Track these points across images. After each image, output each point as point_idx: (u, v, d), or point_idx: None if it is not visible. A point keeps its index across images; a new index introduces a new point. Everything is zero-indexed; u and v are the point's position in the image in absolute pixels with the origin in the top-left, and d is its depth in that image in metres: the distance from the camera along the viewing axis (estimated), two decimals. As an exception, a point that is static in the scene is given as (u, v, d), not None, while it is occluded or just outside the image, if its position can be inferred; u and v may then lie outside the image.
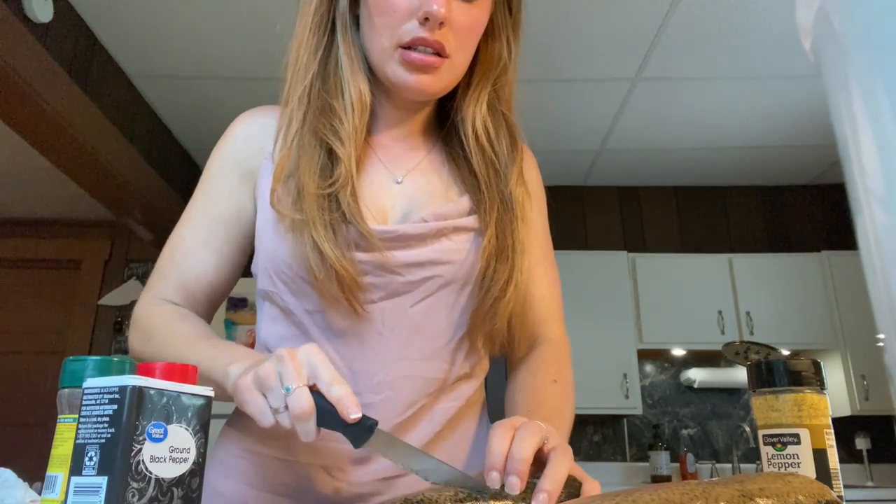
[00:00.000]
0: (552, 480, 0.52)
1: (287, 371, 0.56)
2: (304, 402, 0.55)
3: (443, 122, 0.86)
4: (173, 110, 3.20)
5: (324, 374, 0.56)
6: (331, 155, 0.75)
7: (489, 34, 0.81)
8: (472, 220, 0.77)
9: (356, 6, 0.79)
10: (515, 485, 0.52)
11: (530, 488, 0.53)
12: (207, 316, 0.82)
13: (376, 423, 0.55)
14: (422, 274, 0.74)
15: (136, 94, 3.01)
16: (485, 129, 0.80)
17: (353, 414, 0.54)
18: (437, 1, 0.70)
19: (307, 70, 0.78)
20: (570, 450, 0.56)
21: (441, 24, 0.71)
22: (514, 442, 0.54)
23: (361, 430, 0.55)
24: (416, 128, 0.84)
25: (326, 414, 0.55)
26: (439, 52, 0.73)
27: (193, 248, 0.79)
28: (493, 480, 0.53)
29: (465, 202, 0.78)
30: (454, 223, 0.76)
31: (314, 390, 0.56)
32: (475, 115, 0.80)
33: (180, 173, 3.49)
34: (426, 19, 0.71)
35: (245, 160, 0.81)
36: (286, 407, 0.56)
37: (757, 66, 2.84)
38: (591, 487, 0.56)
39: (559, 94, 3.08)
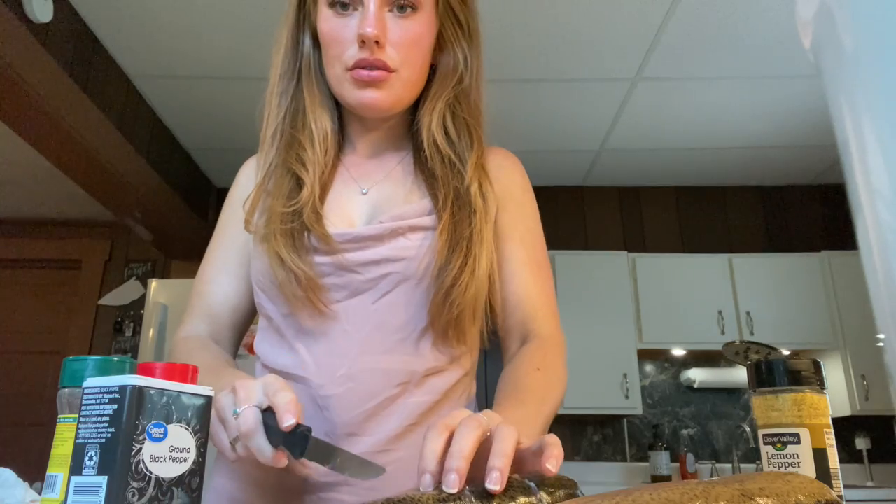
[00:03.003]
0: (500, 456, 0.48)
1: (238, 398, 0.60)
2: (248, 419, 0.58)
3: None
4: (173, 110, 3.20)
5: (272, 386, 0.60)
6: (299, 181, 0.83)
7: (442, 48, 0.87)
8: (429, 220, 0.81)
9: (318, 47, 0.87)
10: (453, 482, 0.47)
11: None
12: (234, 338, 0.91)
13: (309, 429, 0.58)
14: (378, 271, 0.79)
15: (136, 94, 3.01)
16: (443, 133, 0.85)
17: (287, 420, 0.57)
18: (368, 23, 0.77)
19: (278, 111, 0.87)
20: (514, 427, 0.52)
21: (377, 42, 0.78)
22: (454, 439, 0.50)
23: (299, 439, 0.58)
24: (385, 143, 0.91)
25: (274, 431, 0.58)
26: (384, 68, 0.79)
27: (213, 276, 0.90)
28: (426, 483, 0.49)
29: (425, 203, 0.83)
30: (410, 222, 0.81)
31: (267, 412, 0.59)
32: (431, 121, 0.85)
33: (180, 173, 3.49)
34: (363, 41, 0.78)
35: (247, 195, 0.90)
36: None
37: (757, 66, 2.85)
38: (552, 441, 0.52)
39: (559, 94, 3.08)
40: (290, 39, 0.88)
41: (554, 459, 0.49)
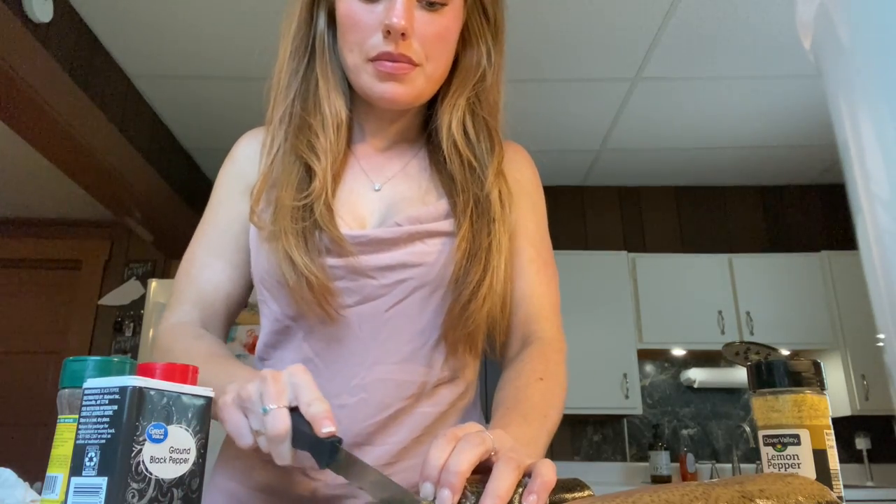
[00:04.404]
0: (494, 497, 0.47)
1: (268, 392, 0.56)
2: (279, 423, 0.55)
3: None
4: (173, 110, 3.20)
5: (305, 393, 0.56)
6: (309, 170, 0.78)
7: (466, 42, 0.82)
8: (447, 224, 0.78)
9: (334, 26, 0.81)
10: (446, 498, 0.47)
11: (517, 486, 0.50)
12: (226, 327, 0.86)
13: (340, 441, 0.56)
14: (394, 277, 0.75)
15: (136, 94, 3.01)
16: (462, 134, 0.81)
17: (326, 428, 0.54)
18: (396, 14, 0.72)
19: (288, 91, 0.82)
20: (515, 458, 0.50)
21: (403, 35, 0.73)
22: (452, 453, 0.50)
23: (327, 449, 0.55)
24: (400, 137, 0.86)
25: (300, 434, 0.56)
26: (408, 62, 0.75)
27: (206, 260, 0.83)
28: (427, 492, 0.49)
29: (442, 205, 0.79)
30: (428, 227, 0.77)
31: (294, 412, 0.56)
32: (451, 120, 0.81)
33: (180, 173, 3.49)
34: (388, 32, 0.73)
35: (246, 175, 0.85)
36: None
37: (757, 66, 2.84)
38: (542, 471, 0.51)
39: (559, 94, 3.08)
40: (303, 13, 0.82)
41: (534, 496, 0.48)
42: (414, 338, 0.76)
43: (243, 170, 0.86)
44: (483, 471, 0.50)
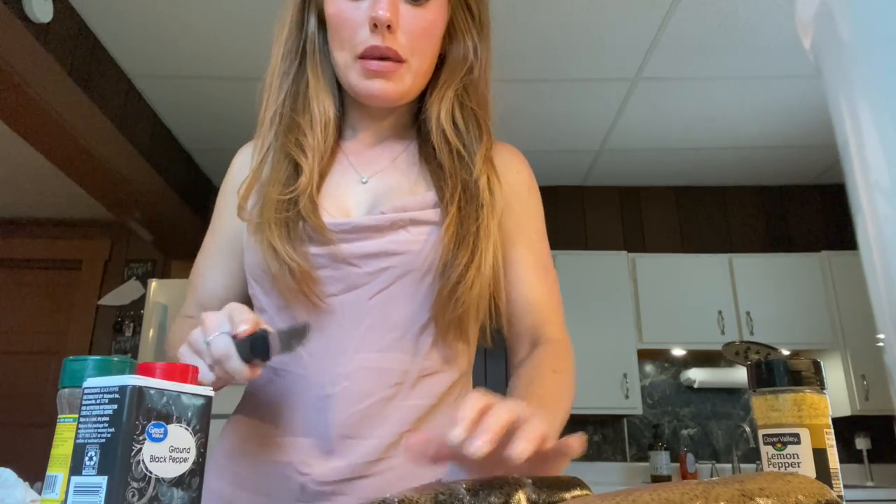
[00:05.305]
0: (528, 438, 0.49)
1: (206, 326, 0.63)
2: (219, 344, 0.62)
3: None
4: (173, 110, 3.20)
5: (235, 314, 0.63)
6: (297, 167, 0.80)
7: (452, 37, 0.85)
8: (433, 213, 0.79)
9: (324, 28, 0.84)
10: (480, 447, 0.48)
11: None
12: None
13: (265, 331, 0.64)
14: (377, 265, 0.77)
15: (136, 94, 3.01)
16: (451, 124, 0.83)
17: (240, 327, 0.62)
18: (381, 6, 0.74)
19: (279, 93, 0.84)
20: (546, 422, 0.52)
21: (389, 27, 0.75)
22: (491, 412, 0.51)
23: (262, 345, 0.63)
24: (390, 132, 0.88)
25: (243, 352, 0.63)
26: (395, 58, 0.77)
27: (205, 271, 0.90)
28: (455, 435, 0.49)
29: (430, 196, 0.80)
30: (412, 215, 0.78)
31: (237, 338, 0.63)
32: (440, 111, 0.83)
33: (180, 173, 3.49)
34: (375, 25, 0.75)
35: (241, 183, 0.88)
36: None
37: (757, 66, 2.85)
38: (568, 441, 0.52)
39: (559, 94, 3.08)
40: (294, 18, 0.85)
41: (524, 442, 0.49)
42: (397, 326, 0.77)
43: (238, 180, 0.87)
44: (488, 466, 0.50)
